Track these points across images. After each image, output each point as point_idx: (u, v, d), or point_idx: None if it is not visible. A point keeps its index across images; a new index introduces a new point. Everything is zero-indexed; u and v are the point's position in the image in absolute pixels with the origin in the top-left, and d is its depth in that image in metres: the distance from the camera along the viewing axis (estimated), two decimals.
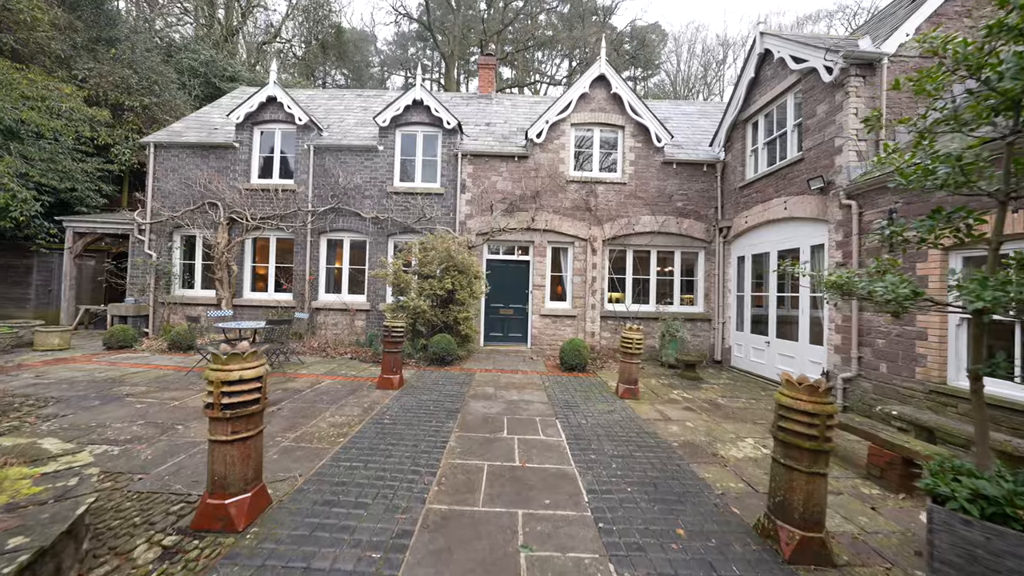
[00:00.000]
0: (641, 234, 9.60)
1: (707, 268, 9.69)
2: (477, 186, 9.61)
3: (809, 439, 2.47)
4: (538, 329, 9.51)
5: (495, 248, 9.95)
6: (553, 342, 9.49)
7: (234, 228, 9.65)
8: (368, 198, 9.67)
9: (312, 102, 12.45)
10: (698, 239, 9.64)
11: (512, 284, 9.85)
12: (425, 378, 6.89)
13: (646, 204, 9.61)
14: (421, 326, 8.09)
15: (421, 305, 7.68)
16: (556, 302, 9.76)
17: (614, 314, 9.45)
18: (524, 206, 9.54)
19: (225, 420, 2.41)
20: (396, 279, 7.96)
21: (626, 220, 9.56)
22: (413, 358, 8.02)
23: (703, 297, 9.73)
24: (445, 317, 8.13)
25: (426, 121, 9.71)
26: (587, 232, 9.52)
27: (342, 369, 7.34)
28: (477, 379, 6.99)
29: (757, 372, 8.02)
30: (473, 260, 8.43)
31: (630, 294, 9.70)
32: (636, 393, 6.19)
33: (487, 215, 9.53)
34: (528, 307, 9.75)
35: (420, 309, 7.74)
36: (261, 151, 10.03)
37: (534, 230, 9.50)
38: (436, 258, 8.03)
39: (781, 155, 7.82)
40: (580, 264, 9.57)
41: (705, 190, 9.68)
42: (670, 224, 9.56)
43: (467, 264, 8.21)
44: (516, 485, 3.29)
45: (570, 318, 9.52)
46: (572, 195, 9.59)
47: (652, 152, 9.67)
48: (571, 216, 9.57)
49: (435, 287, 7.89)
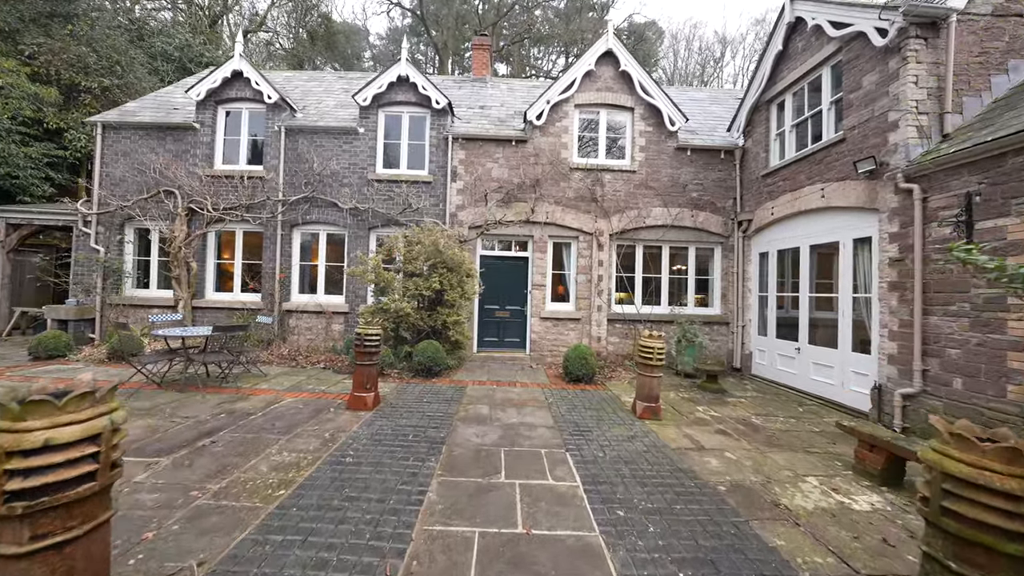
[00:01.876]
0: (652, 228, 8.65)
1: (724, 265, 8.76)
2: (470, 173, 8.58)
3: (1012, 538, 1.49)
4: (538, 333, 8.51)
5: (490, 243, 8.93)
6: (555, 348, 8.49)
7: (194, 220, 8.53)
8: (347, 186, 8.60)
9: (289, 84, 11.34)
10: (714, 233, 8.70)
11: (509, 283, 8.84)
12: (407, 393, 5.86)
13: (658, 195, 8.65)
14: (405, 331, 7.05)
15: (404, 307, 6.65)
16: (558, 303, 8.77)
17: (623, 317, 8.48)
18: (523, 196, 8.54)
19: (17, 519, 1.37)
20: (376, 277, 6.91)
21: (636, 212, 8.60)
22: (396, 368, 6.98)
23: (719, 298, 8.79)
24: (432, 321, 7.10)
25: (412, 100, 8.67)
26: (592, 225, 8.54)
27: (310, 383, 6.28)
28: (469, 394, 5.98)
29: (785, 382, 7.09)
30: (465, 256, 7.41)
31: (640, 294, 8.74)
32: (658, 413, 5.21)
33: (481, 206, 8.51)
34: (527, 309, 8.75)
35: (403, 312, 6.71)
36: (226, 133, 8.92)
37: (534, 223, 8.50)
38: (422, 253, 6.99)
39: (815, 137, 6.90)
40: (585, 261, 8.59)
41: (722, 180, 8.75)
42: (684, 217, 8.62)
43: (458, 261, 7.18)
44: (520, 573, 2.27)
45: (573, 321, 8.53)
46: (576, 184, 8.60)
47: (664, 137, 8.72)
48: (575, 208, 8.58)
49: (421, 287, 6.86)
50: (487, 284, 8.45)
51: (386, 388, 6.12)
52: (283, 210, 8.52)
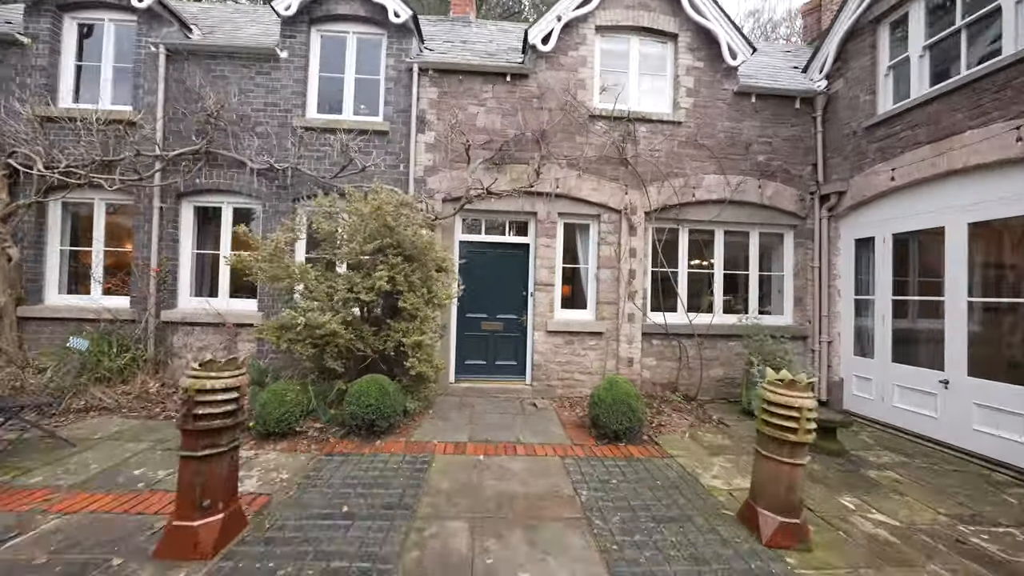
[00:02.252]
0: (703, 204, 6.15)
1: (798, 258, 6.33)
2: (445, 121, 5.90)
3: None
4: (543, 355, 5.90)
5: (474, 223, 6.28)
6: (567, 376, 5.91)
7: (23, 185, 5.59)
8: (262, 137, 5.81)
9: (206, 15, 8.37)
10: (786, 212, 6.26)
11: (501, 282, 6.23)
12: (319, 483, 3.19)
13: (712, 157, 6.16)
14: (333, 359, 4.31)
15: (326, 321, 3.92)
16: (571, 311, 6.18)
17: (664, 330, 5.95)
18: (522, 155, 5.91)
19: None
20: (273, 270, 4.16)
21: (682, 181, 6.08)
22: (318, 422, 4.28)
23: (790, 302, 6.36)
24: (380, 342, 4.42)
25: (362, 15, 5.93)
26: (621, 199, 5.98)
27: (146, 462, 3.50)
28: (434, 480, 3.34)
29: (915, 430, 4.74)
30: (434, 241, 4.75)
31: (684, 297, 6.23)
32: (804, 535, 2.67)
33: (460, 168, 5.85)
34: (527, 319, 6.14)
35: (326, 329, 3.98)
36: (80, 57, 5.99)
37: (537, 195, 5.89)
38: (361, 231, 4.29)
39: (970, 59, 4.51)
40: (610, 250, 6.03)
41: (797, 138, 6.31)
42: (748, 189, 6.15)
43: (423, 246, 4.53)
44: None
45: (594, 336, 5.96)
46: (598, 139, 6.02)
47: (721, 77, 6.22)
48: (596, 173, 6.01)
49: (357, 287, 4.16)
50: (470, 283, 5.83)
51: (288, 465, 3.42)
52: (161, 169, 5.66)
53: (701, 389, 6.00)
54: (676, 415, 5.21)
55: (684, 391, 6.01)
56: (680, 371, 6.04)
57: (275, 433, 4.00)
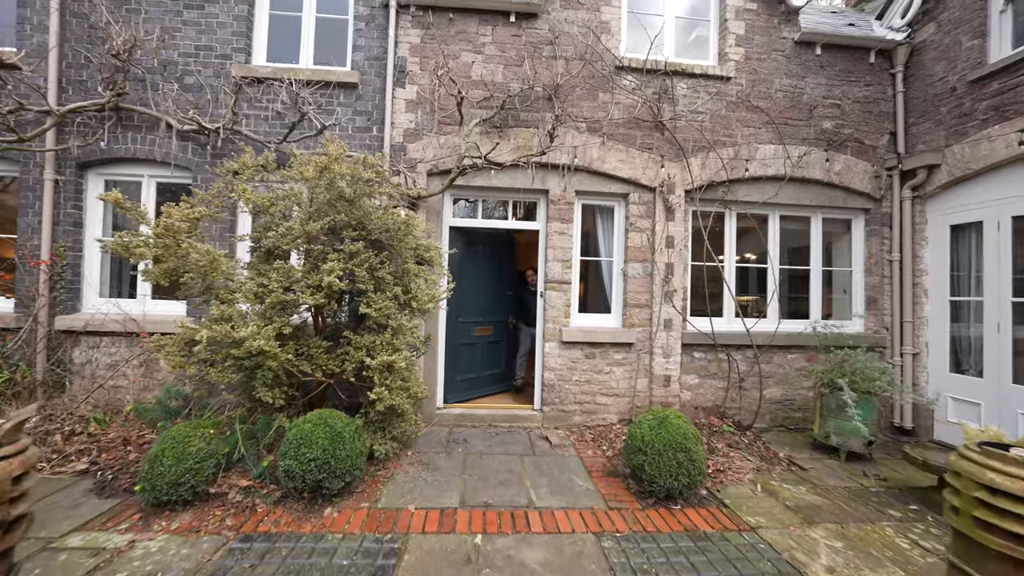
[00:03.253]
0: (756, 181, 4.90)
1: (872, 249, 5.11)
2: (430, 72, 4.59)
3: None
4: (557, 371, 4.62)
5: (468, 205, 5.00)
6: (586, 398, 4.64)
7: None
8: (192, 90, 4.47)
9: None
10: (857, 192, 5.04)
11: (503, 279, 4.94)
12: None
13: (768, 122, 4.91)
14: (266, 389, 2.98)
15: (250, 339, 2.57)
16: (590, 315, 4.90)
17: (712, 339, 4.69)
18: (530, 116, 4.62)
19: None
20: (168, 257, 2.82)
21: (731, 152, 4.82)
22: (246, 478, 2.97)
23: (860, 304, 5.15)
24: (336, 363, 3.11)
25: None
26: (656, 173, 4.71)
27: None
28: None
29: None
30: (413, 223, 3.45)
31: (731, 297, 4.99)
32: None
33: (451, 133, 4.55)
34: (536, 324, 4.86)
35: (253, 349, 2.64)
36: None
37: (550, 167, 4.60)
38: (304, 205, 2.97)
39: None
40: (641, 239, 4.76)
41: (871, 101, 5.08)
42: (812, 163, 4.91)
43: (398, 231, 3.24)
44: None
45: (621, 348, 4.69)
46: (627, 97, 4.75)
47: (778, 22, 4.97)
48: (624, 140, 4.73)
49: (300, 285, 2.84)
50: (463, 280, 4.54)
51: (174, 563, 2.13)
52: (54, 127, 4.29)
53: (753, 412, 4.77)
54: (734, 453, 3.97)
55: (733, 416, 4.77)
56: (728, 392, 4.80)
57: (172, 501, 2.69)
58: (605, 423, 4.63)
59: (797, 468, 3.79)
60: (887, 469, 3.83)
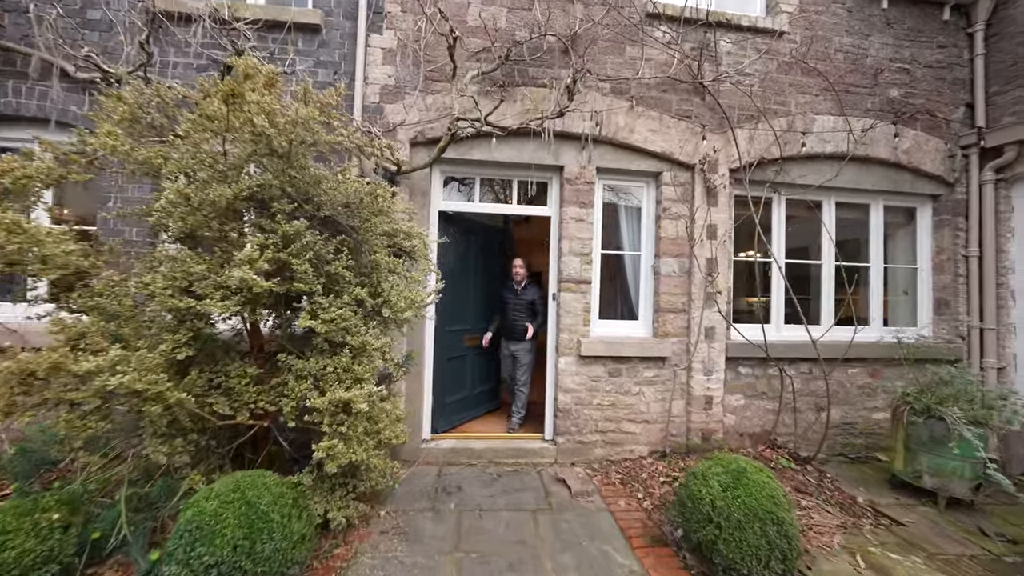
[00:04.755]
0: (810, 159, 4.04)
1: (942, 243, 4.31)
2: (413, 13, 3.60)
3: None
4: (574, 393, 3.68)
5: (459, 185, 4.05)
6: (611, 425, 3.72)
7: None
8: (100, 27, 3.41)
9: None
10: (926, 175, 4.22)
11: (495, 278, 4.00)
12: None
13: (827, 88, 4.05)
14: (158, 443, 1.96)
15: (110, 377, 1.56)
16: (613, 322, 3.98)
17: (764, 351, 3.80)
18: (540, 72, 3.68)
19: None
20: None
21: (784, 122, 3.95)
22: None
23: (927, 308, 4.35)
24: (270, 396, 2.10)
25: None
26: (696, 147, 3.80)
27: None
28: None
29: None
30: (387, 196, 2.47)
31: (782, 300, 4.12)
32: None
33: (441, 91, 3.57)
34: (549, 334, 3.92)
35: (118, 390, 1.62)
36: None
37: (565, 137, 3.65)
38: (216, 159, 1.97)
39: None
40: (677, 228, 3.85)
41: (945, 66, 4.27)
42: (877, 138, 4.07)
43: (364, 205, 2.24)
44: None
45: (652, 363, 3.78)
46: (660, 53, 3.83)
47: None
48: (658, 105, 3.82)
49: (207, 282, 1.84)
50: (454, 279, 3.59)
51: None
52: None
53: (810, 440, 3.92)
54: (806, 501, 3.09)
55: (785, 445, 3.91)
56: (780, 415, 3.93)
57: None
58: (633, 456, 3.72)
59: (891, 522, 2.93)
60: (1001, 520, 3.00)
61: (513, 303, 4.18)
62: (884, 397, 4.10)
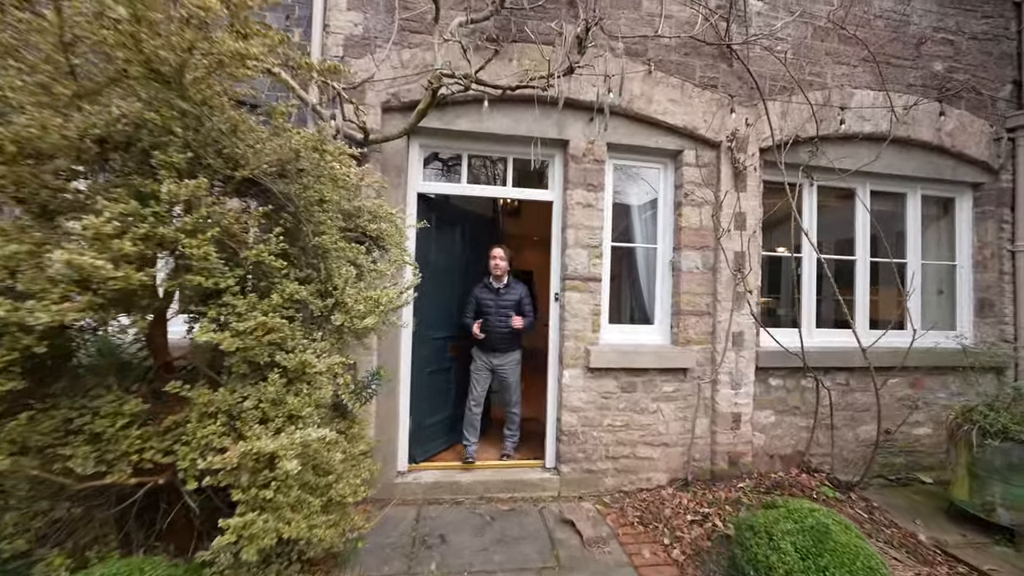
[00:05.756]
0: (846, 140, 3.52)
1: (985, 236, 3.87)
2: None
3: None
4: (580, 412, 3.08)
5: (447, 166, 3.40)
6: (624, 449, 3.12)
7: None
8: None
9: None
10: (970, 161, 3.77)
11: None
12: None
13: (867, 59, 3.53)
14: None
15: None
16: (626, 327, 3.39)
17: (801, 360, 3.25)
18: (541, 27, 3.05)
19: None
20: None
21: (821, 96, 3.43)
22: None
23: (967, 309, 3.91)
24: (162, 443, 1.42)
25: None
26: (722, 121, 3.24)
27: None
28: None
29: None
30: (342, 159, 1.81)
31: (812, 301, 3.60)
32: None
33: (418, 44, 2.92)
34: (551, 343, 3.29)
35: None
36: None
37: (570, 106, 3.04)
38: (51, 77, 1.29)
39: None
40: (700, 216, 3.28)
41: (990, 37, 3.82)
42: (919, 118, 3.59)
43: (303, 166, 1.56)
44: None
45: (672, 376, 3.20)
46: (682, 9, 3.26)
47: None
48: (679, 70, 3.24)
49: (31, 276, 1.15)
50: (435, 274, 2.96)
51: None
52: None
53: (846, 461, 3.43)
54: None
55: (819, 466, 3.40)
56: (814, 432, 3.41)
57: None
58: (650, 486, 3.14)
59: (969, 570, 2.41)
60: None
61: (495, 305, 3.28)
62: (926, 410, 3.64)
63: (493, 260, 3.33)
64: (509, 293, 3.34)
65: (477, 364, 3.37)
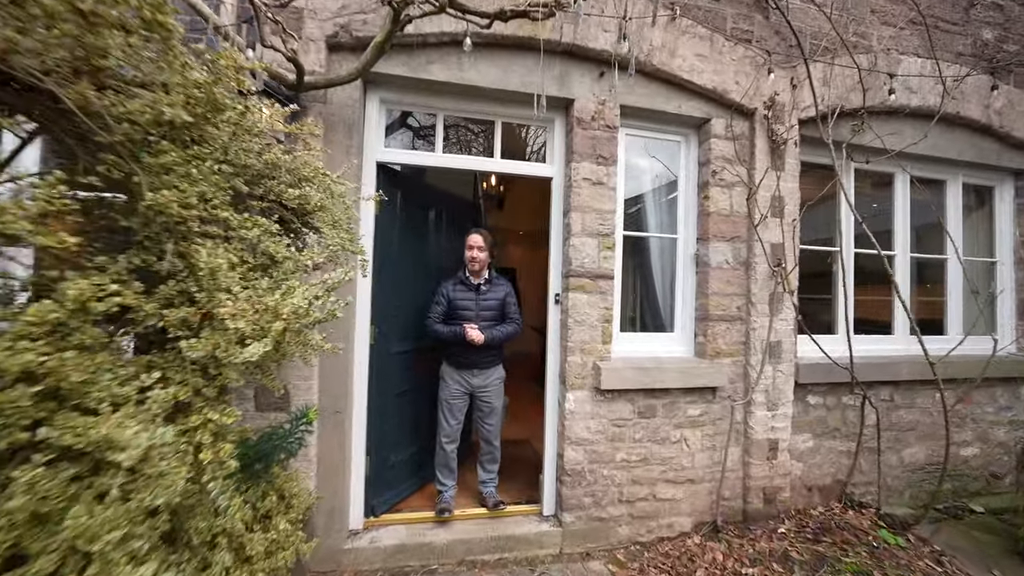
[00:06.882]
0: (891, 115, 3.01)
1: None
2: None
3: None
4: (588, 445, 2.42)
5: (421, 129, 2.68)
6: (639, 490, 2.49)
7: None
8: None
9: None
10: (1016, 144, 3.34)
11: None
12: None
13: (916, 22, 3.02)
14: None
15: None
16: (638, 335, 2.76)
17: (851, 376, 2.71)
18: None
19: None
20: None
21: (867, 60, 2.89)
22: None
23: (1009, 312, 3.49)
24: None
25: None
26: (755, 85, 2.65)
27: None
28: None
29: None
30: (233, 84, 1.07)
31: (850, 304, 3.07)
32: None
33: None
34: (550, 358, 2.62)
35: None
36: None
37: (574, 55, 2.38)
38: None
39: None
40: (728, 200, 2.68)
41: None
42: (967, 93, 3.12)
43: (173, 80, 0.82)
44: None
45: (698, 396, 2.59)
46: None
47: None
48: (707, 19, 2.63)
49: None
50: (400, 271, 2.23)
51: None
52: None
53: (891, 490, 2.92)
54: None
55: (862, 497, 2.88)
56: (857, 458, 2.88)
57: None
58: (672, 533, 2.53)
59: None
60: None
61: (475, 307, 2.53)
62: (973, 428, 3.18)
63: (470, 251, 2.55)
64: (492, 291, 2.59)
65: (450, 388, 2.56)
